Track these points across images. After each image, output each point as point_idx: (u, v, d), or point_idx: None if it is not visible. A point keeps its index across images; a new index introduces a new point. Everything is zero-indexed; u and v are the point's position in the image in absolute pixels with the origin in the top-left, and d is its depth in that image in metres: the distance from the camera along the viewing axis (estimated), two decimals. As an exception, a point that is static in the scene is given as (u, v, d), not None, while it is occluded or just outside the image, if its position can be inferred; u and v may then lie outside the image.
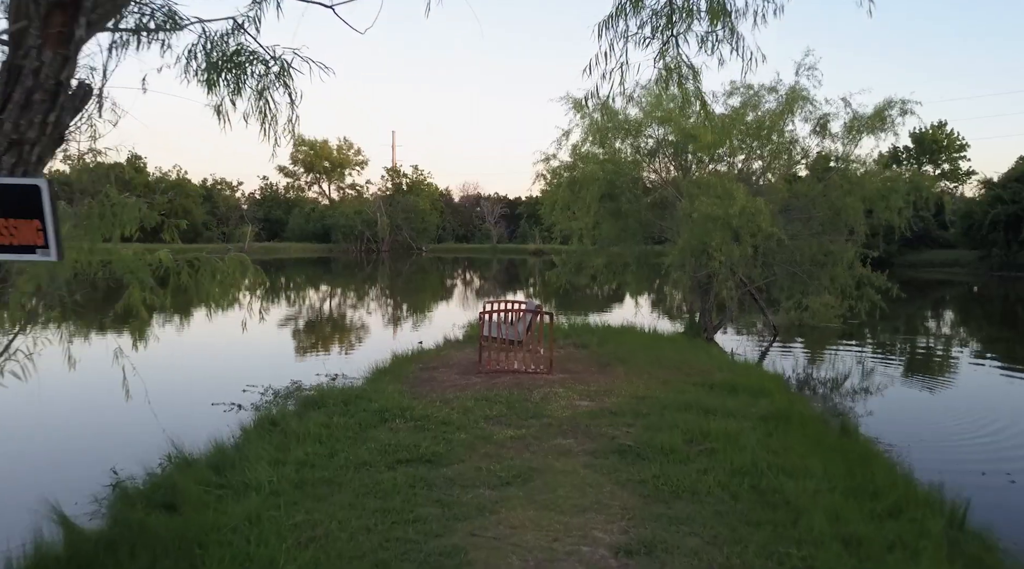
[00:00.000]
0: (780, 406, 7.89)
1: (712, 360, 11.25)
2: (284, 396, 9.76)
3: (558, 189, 16.17)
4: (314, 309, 26.43)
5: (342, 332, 19.51)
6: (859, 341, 17.69)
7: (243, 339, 17.54)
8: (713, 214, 12.02)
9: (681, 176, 15.58)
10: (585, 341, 13.01)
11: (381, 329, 19.88)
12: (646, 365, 10.56)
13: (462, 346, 12.67)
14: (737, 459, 6.07)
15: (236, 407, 9.20)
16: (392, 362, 10.60)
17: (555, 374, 9.77)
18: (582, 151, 16.10)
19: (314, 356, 14.80)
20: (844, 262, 14.95)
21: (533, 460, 6.17)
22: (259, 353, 13.97)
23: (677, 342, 13.07)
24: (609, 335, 13.65)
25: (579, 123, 16.47)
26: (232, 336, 18.80)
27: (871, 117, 14.26)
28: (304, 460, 5.94)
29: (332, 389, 8.55)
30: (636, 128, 14.79)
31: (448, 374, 9.84)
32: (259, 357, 13.55)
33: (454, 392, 8.59)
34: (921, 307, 28.40)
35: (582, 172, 14.62)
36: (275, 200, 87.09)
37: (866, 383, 12.70)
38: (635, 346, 12.12)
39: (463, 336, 14.20)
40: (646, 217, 15.34)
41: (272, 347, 15.38)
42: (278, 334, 17.84)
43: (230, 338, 16.78)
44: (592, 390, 8.80)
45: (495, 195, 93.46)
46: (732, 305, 15.31)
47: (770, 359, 14.56)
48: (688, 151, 14.90)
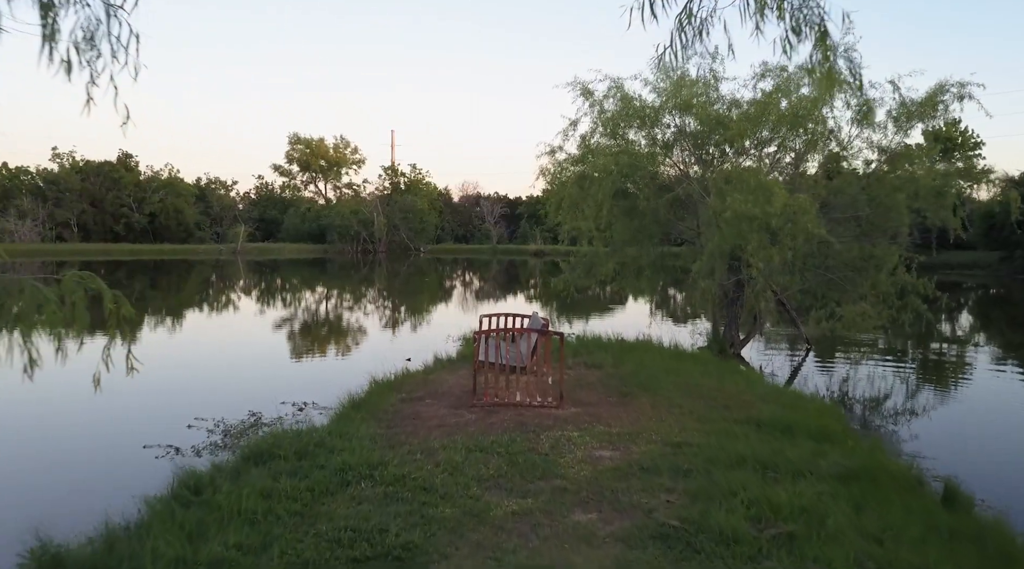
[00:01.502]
0: (859, 460, 6.14)
1: (750, 386, 9.50)
2: (235, 435, 8.02)
3: (564, 186, 14.42)
4: (298, 316, 24.27)
5: (324, 344, 17.53)
6: (897, 353, 15.95)
7: (208, 353, 15.82)
8: (749, 213, 10.27)
9: (701, 171, 13.82)
10: (598, 360, 11.27)
11: (368, 341, 17.81)
12: (674, 394, 8.82)
13: (455, 366, 10.92)
14: (829, 553, 4.34)
15: (172, 451, 7.45)
16: (370, 391, 8.85)
17: (566, 407, 8.03)
18: (592, 143, 14.35)
19: (286, 376, 12.79)
20: (887, 267, 13.21)
21: (544, 553, 4.44)
22: (221, 372, 12.25)
23: (703, 361, 11.32)
24: (624, 352, 11.90)
25: (587, 112, 14.78)
26: (197, 349, 16.60)
27: (922, 103, 12.51)
28: (221, 560, 4.20)
29: (288, 433, 6.80)
30: (654, 116, 13.02)
31: (436, 408, 8.09)
32: (220, 378, 11.82)
33: (441, 436, 6.84)
34: (954, 312, 26.64)
35: (593, 165, 12.84)
36: (271, 199, 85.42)
37: (924, 408, 10.95)
38: (656, 367, 10.37)
39: (457, 352, 12.46)
40: (664, 216, 13.59)
41: (240, 364, 13.58)
42: (251, 346, 16.09)
43: (195, 351, 15.04)
44: (614, 432, 7.05)
45: (495, 195, 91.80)
46: (763, 316, 13.57)
47: (807, 378, 12.80)
48: (712, 142, 13.13)
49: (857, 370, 13.87)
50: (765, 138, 13.45)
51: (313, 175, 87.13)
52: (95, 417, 9.10)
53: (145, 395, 10.12)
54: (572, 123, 14.90)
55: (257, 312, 25.47)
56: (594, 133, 14.39)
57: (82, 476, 6.97)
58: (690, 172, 13.63)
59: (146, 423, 8.91)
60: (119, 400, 9.45)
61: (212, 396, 10.34)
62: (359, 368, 11.84)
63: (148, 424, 8.79)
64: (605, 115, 14.34)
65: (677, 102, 12.70)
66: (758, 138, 13.27)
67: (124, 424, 8.89)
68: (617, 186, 12.59)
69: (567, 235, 14.44)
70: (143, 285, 34.93)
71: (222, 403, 9.70)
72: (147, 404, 9.78)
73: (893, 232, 13.60)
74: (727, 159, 13.99)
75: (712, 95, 12.89)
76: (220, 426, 8.38)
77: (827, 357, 14.86)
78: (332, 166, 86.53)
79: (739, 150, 13.12)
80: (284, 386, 11.10)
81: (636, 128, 13.41)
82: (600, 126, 14.58)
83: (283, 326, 20.71)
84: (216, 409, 9.18)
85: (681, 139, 13.57)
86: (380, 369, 10.36)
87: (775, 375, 12.71)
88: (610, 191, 12.21)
